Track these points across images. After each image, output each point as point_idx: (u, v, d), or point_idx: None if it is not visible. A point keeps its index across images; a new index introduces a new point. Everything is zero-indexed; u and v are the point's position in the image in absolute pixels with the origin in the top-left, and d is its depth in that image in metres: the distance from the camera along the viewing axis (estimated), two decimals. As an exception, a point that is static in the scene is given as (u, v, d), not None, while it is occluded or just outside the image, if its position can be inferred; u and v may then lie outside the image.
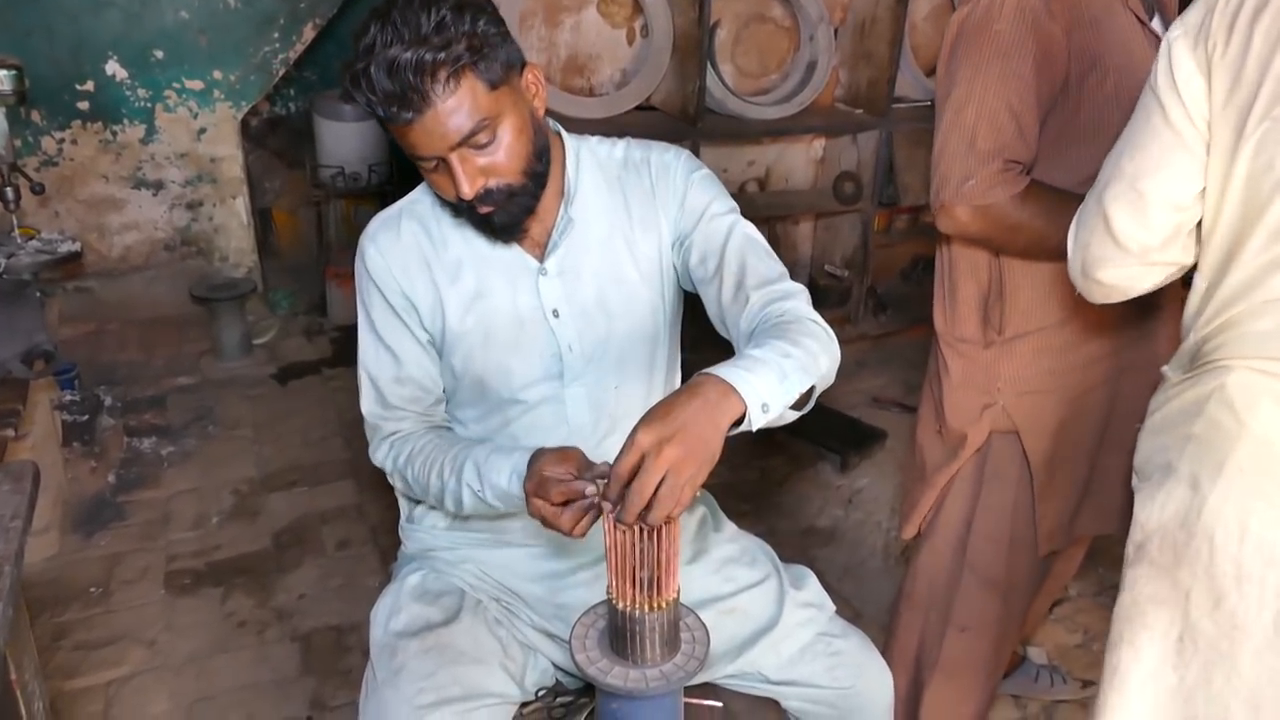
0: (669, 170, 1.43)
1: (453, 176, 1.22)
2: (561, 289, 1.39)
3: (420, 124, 1.17)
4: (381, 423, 1.45)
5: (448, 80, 1.15)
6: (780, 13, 3.79)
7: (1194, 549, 1.18)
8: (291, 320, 4.17)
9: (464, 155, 1.21)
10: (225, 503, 2.97)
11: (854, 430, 3.33)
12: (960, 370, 1.69)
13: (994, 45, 1.46)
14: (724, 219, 1.40)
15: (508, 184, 1.25)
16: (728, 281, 1.34)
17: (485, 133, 1.20)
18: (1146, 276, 1.25)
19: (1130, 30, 1.50)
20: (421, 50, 1.13)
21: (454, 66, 1.15)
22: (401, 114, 1.16)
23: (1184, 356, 1.25)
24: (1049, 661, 2.32)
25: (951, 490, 1.75)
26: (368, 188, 4.24)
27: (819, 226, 4.32)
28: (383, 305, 1.40)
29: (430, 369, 1.44)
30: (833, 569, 2.71)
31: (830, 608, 1.50)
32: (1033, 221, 1.50)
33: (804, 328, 1.21)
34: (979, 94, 1.47)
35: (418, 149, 1.21)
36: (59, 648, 2.36)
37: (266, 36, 3.81)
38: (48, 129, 3.65)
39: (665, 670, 1.12)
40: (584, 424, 1.44)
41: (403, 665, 1.32)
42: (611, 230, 1.40)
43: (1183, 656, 1.22)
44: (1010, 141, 1.48)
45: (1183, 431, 1.22)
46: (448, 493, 1.35)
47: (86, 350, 3.64)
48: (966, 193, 1.49)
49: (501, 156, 1.23)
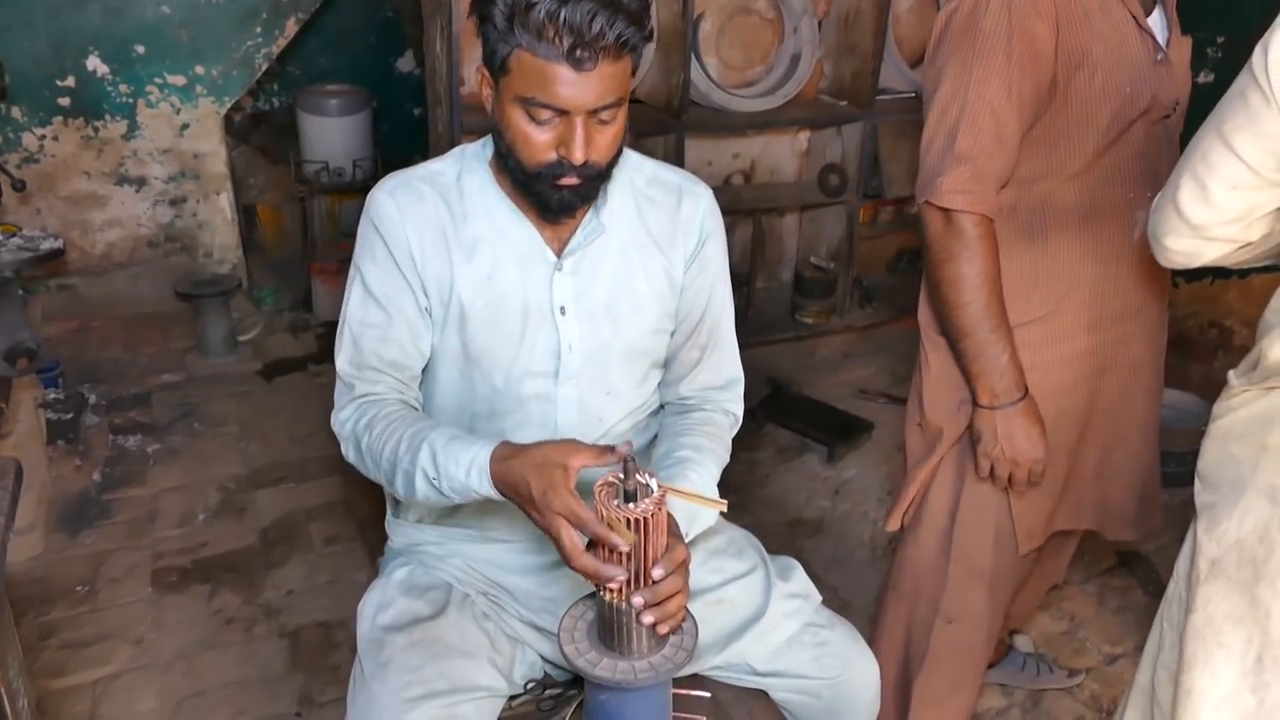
0: (700, 207, 1.45)
1: (570, 137, 1.22)
2: (574, 287, 1.38)
3: (580, 74, 1.17)
4: (355, 382, 1.36)
5: (622, 48, 1.18)
6: (764, 5, 3.79)
7: (1275, 563, 1.16)
8: (277, 316, 4.15)
9: (588, 124, 1.22)
10: (212, 500, 2.95)
11: (841, 421, 3.34)
12: (939, 364, 1.70)
13: (979, 43, 1.45)
14: (721, 286, 1.49)
15: (599, 165, 1.27)
16: (693, 343, 1.49)
17: (612, 110, 1.23)
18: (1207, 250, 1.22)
19: (1124, 25, 1.49)
20: (609, 14, 1.14)
21: (633, 39, 1.18)
22: (573, 54, 1.15)
23: (1251, 362, 1.23)
24: (1035, 650, 2.34)
25: (935, 483, 1.76)
26: (352, 183, 4.22)
27: (804, 219, 4.32)
28: (387, 259, 1.35)
29: (420, 334, 1.38)
30: (820, 560, 2.72)
31: (817, 598, 1.51)
32: (965, 267, 1.51)
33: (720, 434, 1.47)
34: (963, 93, 1.47)
35: (557, 96, 1.18)
36: (45, 647, 2.35)
37: (249, 31, 3.79)
38: (29, 125, 3.62)
39: (654, 662, 1.13)
40: (571, 425, 1.43)
41: (390, 659, 1.32)
42: (630, 241, 1.41)
43: (1262, 677, 1.20)
44: (989, 146, 1.47)
45: (1258, 442, 1.20)
46: (399, 470, 1.26)
47: (70, 348, 3.62)
48: (935, 188, 1.50)
49: (609, 138, 1.25)
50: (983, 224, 1.50)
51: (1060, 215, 1.58)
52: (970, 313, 1.53)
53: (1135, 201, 1.58)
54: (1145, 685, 1.42)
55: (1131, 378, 1.70)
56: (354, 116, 4.18)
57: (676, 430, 1.46)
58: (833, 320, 4.08)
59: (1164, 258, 1.26)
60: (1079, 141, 1.51)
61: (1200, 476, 1.30)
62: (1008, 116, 1.47)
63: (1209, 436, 1.30)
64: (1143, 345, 1.70)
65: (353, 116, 4.18)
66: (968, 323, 1.54)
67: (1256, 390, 1.22)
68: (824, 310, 4.07)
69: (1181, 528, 1.41)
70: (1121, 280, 1.63)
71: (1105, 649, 2.42)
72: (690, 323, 1.47)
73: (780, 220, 4.34)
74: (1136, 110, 1.51)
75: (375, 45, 4.91)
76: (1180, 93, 1.59)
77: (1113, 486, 1.78)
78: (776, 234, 4.35)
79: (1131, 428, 1.75)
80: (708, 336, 1.49)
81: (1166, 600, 1.39)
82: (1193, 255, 1.22)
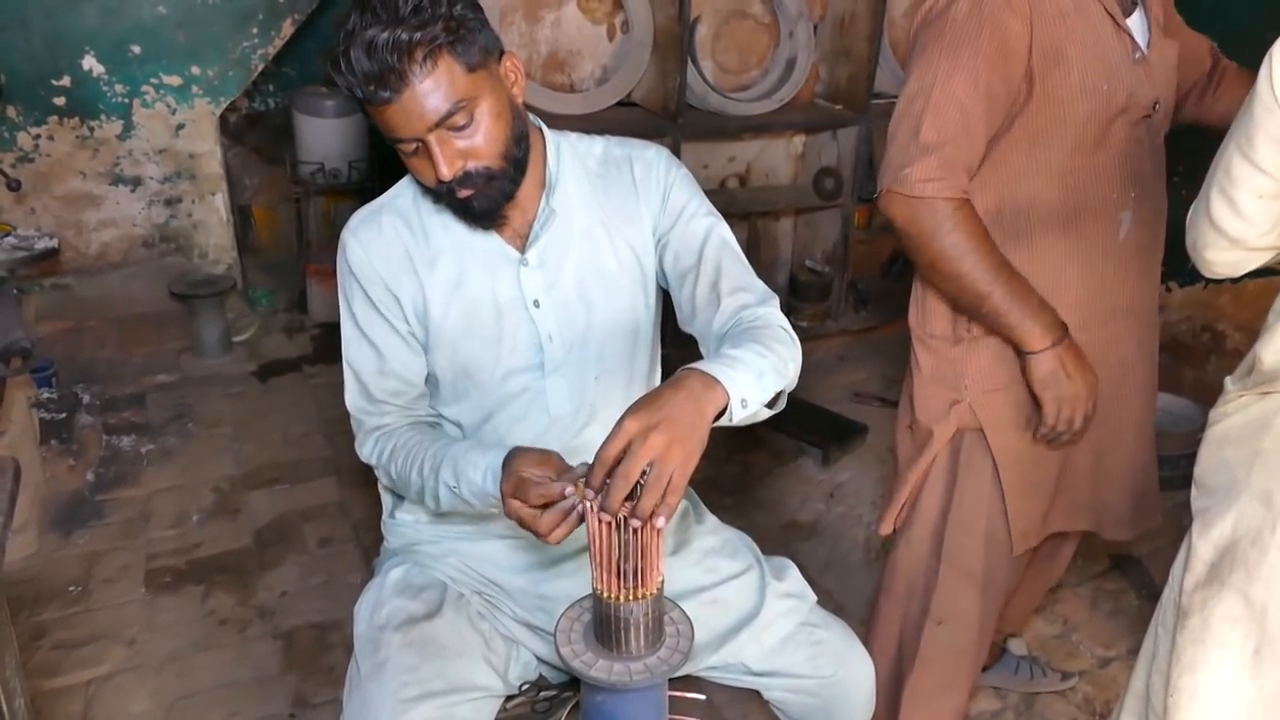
0: (652, 167, 1.44)
1: (431, 158, 1.23)
2: (542, 279, 1.39)
3: (399, 104, 1.19)
4: (365, 417, 1.46)
5: (424, 60, 1.17)
6: (760, 9, 3.80)
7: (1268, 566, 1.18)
8: (271, 317, 4.14)
9: (442, 137, 1.23)
10: (206, 500, 2.95)
11: (835, 425, 3.34)
12: (930, 366, 1.70)
13: (948, 37, 1.46)
14: (703, 220, 1.43)
15: (486, 167, 1.26)
16: (702, 283, 1.37)
17: (462, 114, 1.22)
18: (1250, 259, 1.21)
19: (1100, 24, 1.50)
20: (399, 30, 1.15)
21: (430, 46, 1.17)
22: (379, 93, 1.18)
23: (1246, 367, 1.24)
24: (1029, 653, 2.34)
25: (927, 485, 1.76)
26: (348, 184, 4.22)
27: (799, 222, 4.33)
28: (364, 299, 1.41)
29: (412, 363, 1.44)
30: (814, 563, 2.72)
31: (811, 598, 1.51)
32: (949, 237, 1.50)
33: (775, 334, 1.26)
34: (929, 85, 1.47)
35: (397, 130, 1.22)
36: (38, 647, 2.34)
37: (245, 32, 3.78)
38: (24, 125, 3.61)
39: (649, 663, 1.13)
40: (564, 414, 1.45)
41: (386, 659, 1.32)
42: (592, 222, 1.41)
43: (1261, 667, 1.21)
44: (955, 137, 1.47)
45: (1250, 447, 1.21)
46: (427, 490, 1.36)
47: (64, 348, 3.61)
48: (902, 178, 1.49)
49: (480, 139, 1.25)
50: (956, 203, 1.49)
51: (1044, 217, 1.58)
52: (980, 274, 1.51)
53: (1119, 201, 1.59)
54: (1140, 690, 1.43)
55: (1122, 378, 1.70)
56: (350, 118, 4.17)
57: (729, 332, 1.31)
58: (827, 323, 4.09)
59: (1209, 270, 1.25)
60: (1057, 139, 1.52)
61: (1196, 482, 1.31)
62: (974, 109, 1.46)
63: (1205, 442, 1.30)
64: (1132, 345, 1.71)
65: (348, 118, 4.16)
66: (982, 285, 1.52)
67: (1251, 395, 1.23)
68: (819, 313, 4.07)
69: (1176, 532, 1.42)
70: (1108, 280, 1.63)
71: (1098, 652, 2.42)
72: (690, 268, 1.40)
73: (775, 223, 4.34)
74: (1114, 109, 1.51)
75: (371, 47, 4.90)
76: (1161, 93, 1.59)
77: (1107, 487, 1.78)
78: (771, 237, 4.36)
79: (1124, 428, 1.75)
80: (715, 272, 1.39)
81: (1162, 606, 1.39)
82: (1238, 265, 1.22)
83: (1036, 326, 1.53)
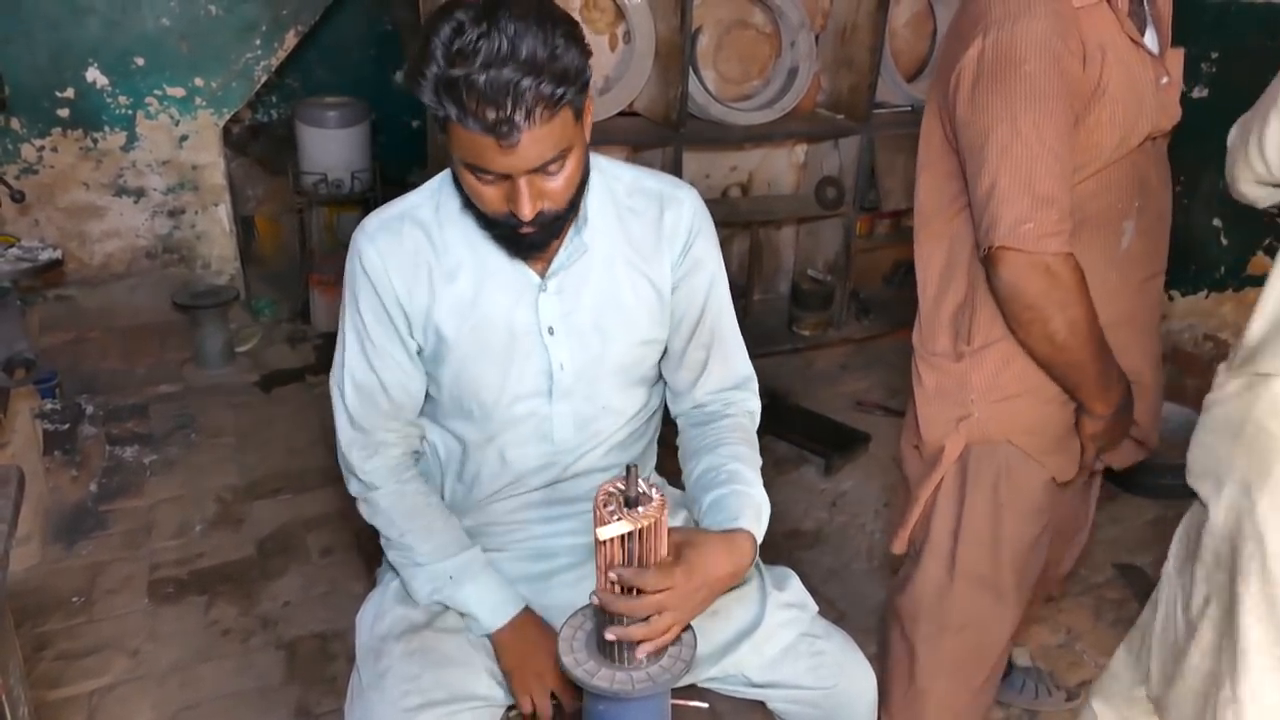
0: (682, 208, 1.42)
1: (516, 197, 1.18)
2: (559, 307, 1.37)
3: (505, 143, 1.12)
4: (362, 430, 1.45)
5: (550, 110, 1.11)
6: (761, 19, 3.81)
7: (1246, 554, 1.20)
8: (274, 327, 4.15)
9: (532, 179, 1.18)
10: (209, 511, 2.95)
11: (838, 433, 3.34)
12: (934, 383, 1.69)
13: (1026, 87, 1.39)
14: (712, 276, 1.46)
15: (557, 210, 1.22)
16: (696, 342, 1.46)
17: (558, 162, 1.18)
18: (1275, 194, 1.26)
19: (1129, 53, 1.47)
20: (533, 79, 1.08)
21: (562, 98, 1.11)
22: (487, 131, 1.11)
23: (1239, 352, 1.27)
24: (1033, 663, 2.34)
25: (936, 507, 1.75)
26: (350, 195, 4.23)
27: (801, 231, 4.34)
28: (375, 308, 1.37)
29: (412, 379, 1.42)
30: (817, 572, 2.72)
31: (813, 608, 1.50)
32: (1072, 310, 1.45)
33: (753, 441, 1.46)
34: (1024, 136, 1.40)
35: (488, 164, 1.15)
36: (41, 658, 2.34)
37: (248, 43, 3.80)
38: (28, 136, 3.63)
39: (652, 672, 1.13)
40: (567, 439, 1.44)
41: (388, 668, 1.32)
42: (613, 254, 1.38)
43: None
44: (1063, 188, 1.42)
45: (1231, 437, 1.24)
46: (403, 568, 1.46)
47: (67, 358, 3.62)
48: (1022, 235, 1.41)
49: (561, 183, 1.20)
50: (1073, 263, 1.45)
51: None
52: (1089, 349, 1.51)
53: (1123, 211, 1.58)
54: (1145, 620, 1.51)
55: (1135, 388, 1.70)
56: (352, 128, 4.19)
57: (710, 442, 1.43)
58: (830, 332, 4.10)
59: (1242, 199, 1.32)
60: (1083, 167, 1.50)
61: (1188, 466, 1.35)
62: (1066, 156, 1.42)
63: (1198, 426, 1.35)
64: (1136, 354, 1.70)
65: (351, 128, 4.18)
66: (1085, 356, 1.51)
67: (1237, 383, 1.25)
68: (821, 322, 4.08)
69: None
70: (1111, 287, 1.63)
71: (1102, 661, 2.41)
72: (689, 322, 1.44)
73: (777, 233, 4.35)
74: (1139, 138, 1.50)
75: (374, 57, 4.93)
76: (1177, 114, 1.58)
77: None
78: (773, 246, 4.37)
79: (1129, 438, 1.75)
80: (710, 335, 1.45)
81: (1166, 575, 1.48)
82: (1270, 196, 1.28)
83: (1111, 395, 1.57)
